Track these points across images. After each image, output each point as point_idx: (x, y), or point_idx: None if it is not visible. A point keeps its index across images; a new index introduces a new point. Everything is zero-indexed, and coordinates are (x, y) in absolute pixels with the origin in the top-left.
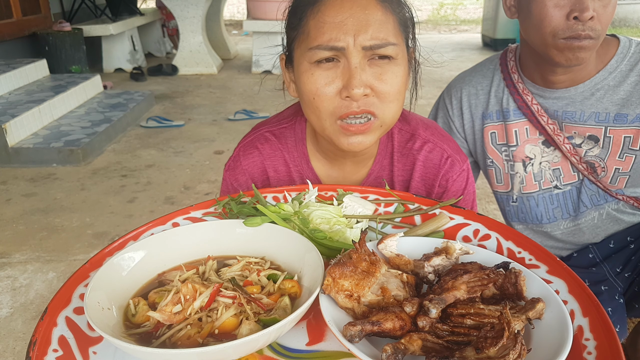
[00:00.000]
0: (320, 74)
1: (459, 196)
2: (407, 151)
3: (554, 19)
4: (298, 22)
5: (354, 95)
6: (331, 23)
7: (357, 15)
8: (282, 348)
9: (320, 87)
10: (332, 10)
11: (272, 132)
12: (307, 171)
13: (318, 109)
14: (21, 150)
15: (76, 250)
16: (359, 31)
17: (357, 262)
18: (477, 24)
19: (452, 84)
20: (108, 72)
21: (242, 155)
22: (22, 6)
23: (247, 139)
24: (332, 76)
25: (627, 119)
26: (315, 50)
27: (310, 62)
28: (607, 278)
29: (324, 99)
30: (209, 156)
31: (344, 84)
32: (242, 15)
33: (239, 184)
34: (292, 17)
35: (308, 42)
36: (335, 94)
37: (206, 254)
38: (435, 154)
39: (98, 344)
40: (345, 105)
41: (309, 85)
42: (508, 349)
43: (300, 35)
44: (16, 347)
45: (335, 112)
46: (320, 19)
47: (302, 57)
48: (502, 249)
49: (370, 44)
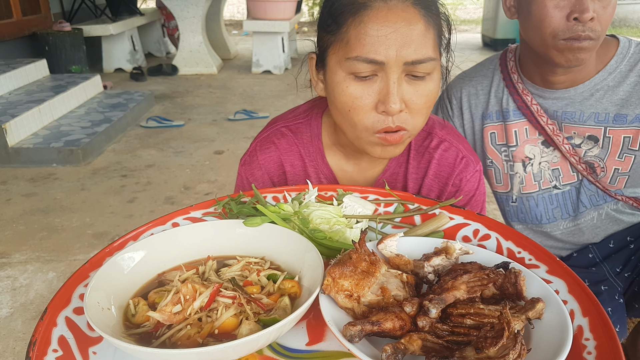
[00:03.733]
0: (356, 88)
1: (471, 197)
2: (423, 149)
3: (554, 19)
4: (337, 27)
5: (390, 111)
6: (374, 36)
7: (401, 30)
8: (282, 348)
9: (357, 101)
10: (376, 23)
11: (289, 127)
12: (322, 166)
13: (353, 120)
14: (21, 150)
15: (76, 250)
16: (402, 47)
17: (357, 262)
18: (477, 24)
19: (452, 84)
20: (108, 72)
21: (258, 150)
22: (22, 6)
23: (263, 134)
24: (369, 90)
25: (626, 119)
26: (354, 61)
27: (347, 73)
28: (607, 278)
29: (359, 112)
30: (209, 156)
31: (381, 98)
32: (242, 15)
33: (254, 178)
34: (329, 21)
35: (347, 51)
36: (371, 107)
37: (206, 254)
38: (451, 153)
39: (98, 344)
40: (381, 120)
41: (344, 98)
42: (508, 349)
43: (337, 42)
44: (16, 347)
45: (372, 126)
46: (362, 30)
47: (338, 65)
48: (502, 249)
49: (412, 59)
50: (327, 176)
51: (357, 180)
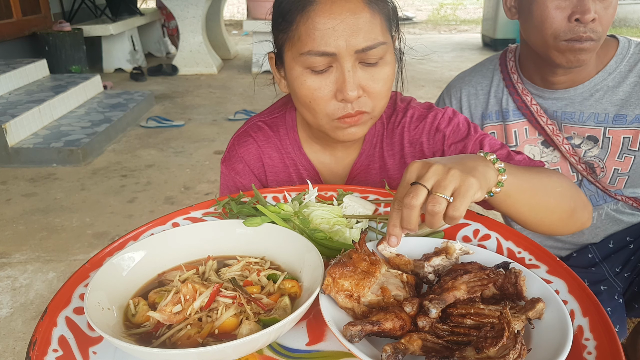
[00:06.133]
0: (314, 80)
1: (467, 132)
2: (392, 125)
3: (556, 20)
4: (287, 25)
5: (348, 98)
6: (322, 29)
7: (347, 20)
8: (282, 348)
9: (316, 92)
10: (322, 17)
11: (265, 121)
12: (300, 157)
13: (315, 110)
14: (21, 150)
15: (76, 250)
16: (350, 36)
17: (357, 262)
18: (477, 24)
19: (451, 84)
20: (108, 72)
21: (237, 144)
22: (22, 6)
23: (240, 130)
24: (326, 81)
25: (626, 119)
26: (307, 55)
27: (304, 68)
28: (607, 278)
29: (320, 103)
30: (209, 156)
31: (338, 87)
32: (242, 15)
33: (236, 172)
34: (280, 20)
35: (299, 47)
36: (330, 97)
37: (206, 254)
38: (417, 115)
39: (98, 344)
40: (341, 108)
41: (304, 91)
42: (508, 349)
43: (290, 40)
44: (16, 347)
45: (333, 114)
46: (311, 25)
47: (294, 62)
48: (502, 249)
49: (362, 47)
50: (306, 167)
51: (336, 169)
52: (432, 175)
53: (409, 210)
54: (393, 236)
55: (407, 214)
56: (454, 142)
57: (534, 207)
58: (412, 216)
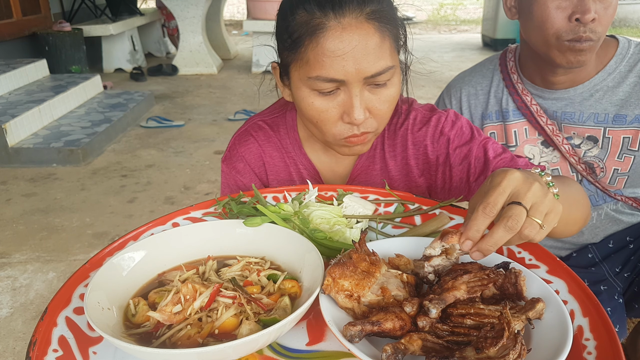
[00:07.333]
0: (322, 102)
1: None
2: (394, 126)
3: (556, 21)
4: (295, 46)
5: (355, 122)
6: (331, 56)
7: (358, 47)
8: (282, 348)
9: (323, 114)
10: (332, 43)
11: (265, 121)
12: (300, 157)
13: (321, 129)
14: (21, 150)
15: (76, 250)
16: (360, 63)
17: (357, 262)
18: (477, 24)
19: (451, 84)
20: (108, 72)
21: (237, 144)
22: (22, 6)
23: (241, 129)
24: (333, 103)
25: (626, 119)
26: (315, 80)
27: (311, 90)
28: (607, 278)
29: (327, 123)
30: (209, 156)
31: (346, 110)
32: (242, 15)
33: (237, 171)
34: (286, 37)
35: (307, 71)
36: (337, 118)
37: (206, 254)
38: (420, 117)
39: (98, 344)
40: (347, 129)
41: (311, 112)
42: (508, 349)
43: (298, 61)
44: (16, 347)
45: (339, 134)
46: (320, 51)
47: (301, 82)
48: (502, 249)
49: (371, 73)
50: (306, 167)
51: (337, 168)
52: (532, 197)
53: (504, 233)
54: (469, 240)
55: (500, 236)
56: (459, 146)
57: (564, 219)
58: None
